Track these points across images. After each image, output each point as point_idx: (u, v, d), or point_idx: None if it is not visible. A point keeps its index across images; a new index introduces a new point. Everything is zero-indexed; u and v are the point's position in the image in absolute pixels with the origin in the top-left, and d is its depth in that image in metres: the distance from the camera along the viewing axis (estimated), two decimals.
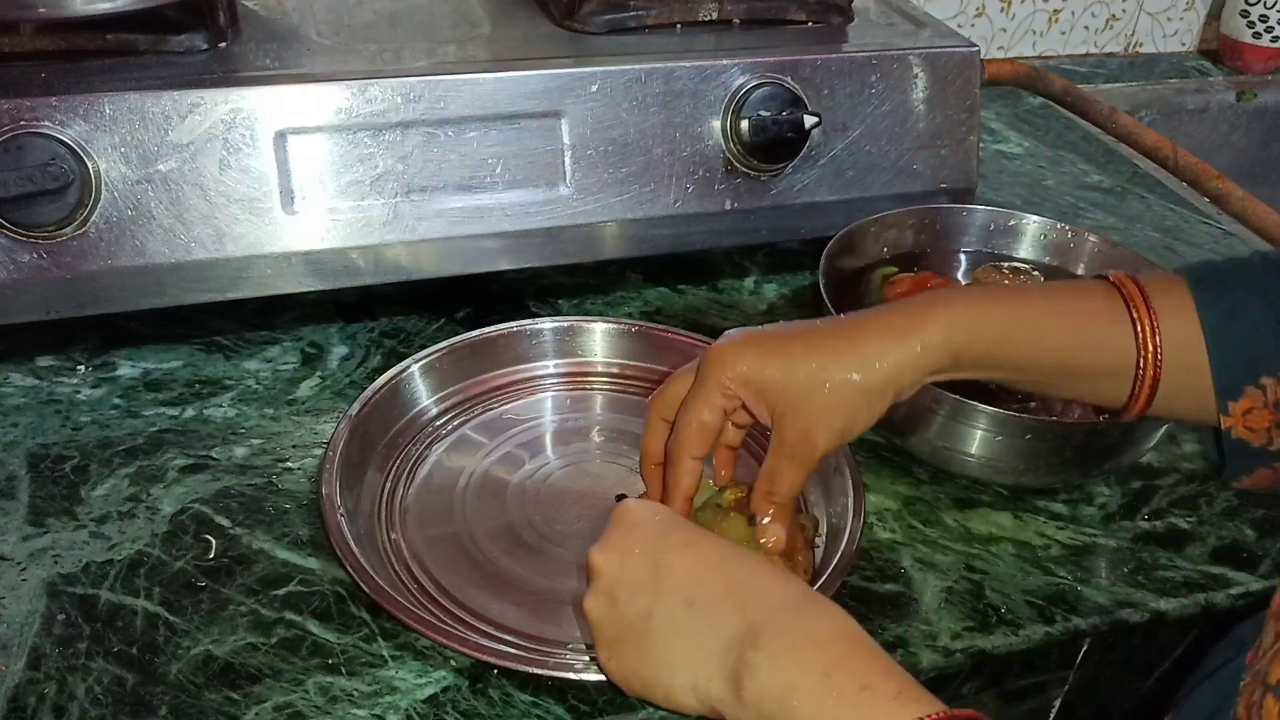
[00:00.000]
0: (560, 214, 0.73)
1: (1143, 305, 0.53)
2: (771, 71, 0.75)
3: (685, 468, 0.57)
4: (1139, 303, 0.53)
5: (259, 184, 0.67)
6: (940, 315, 0.54)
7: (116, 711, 0.52)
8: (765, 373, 0.54)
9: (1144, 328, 0.53)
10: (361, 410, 0.67)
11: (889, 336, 0.53)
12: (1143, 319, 0.53)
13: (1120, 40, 1.41)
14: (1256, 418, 0.53)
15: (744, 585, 0.48)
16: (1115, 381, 0.55)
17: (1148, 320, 0.53)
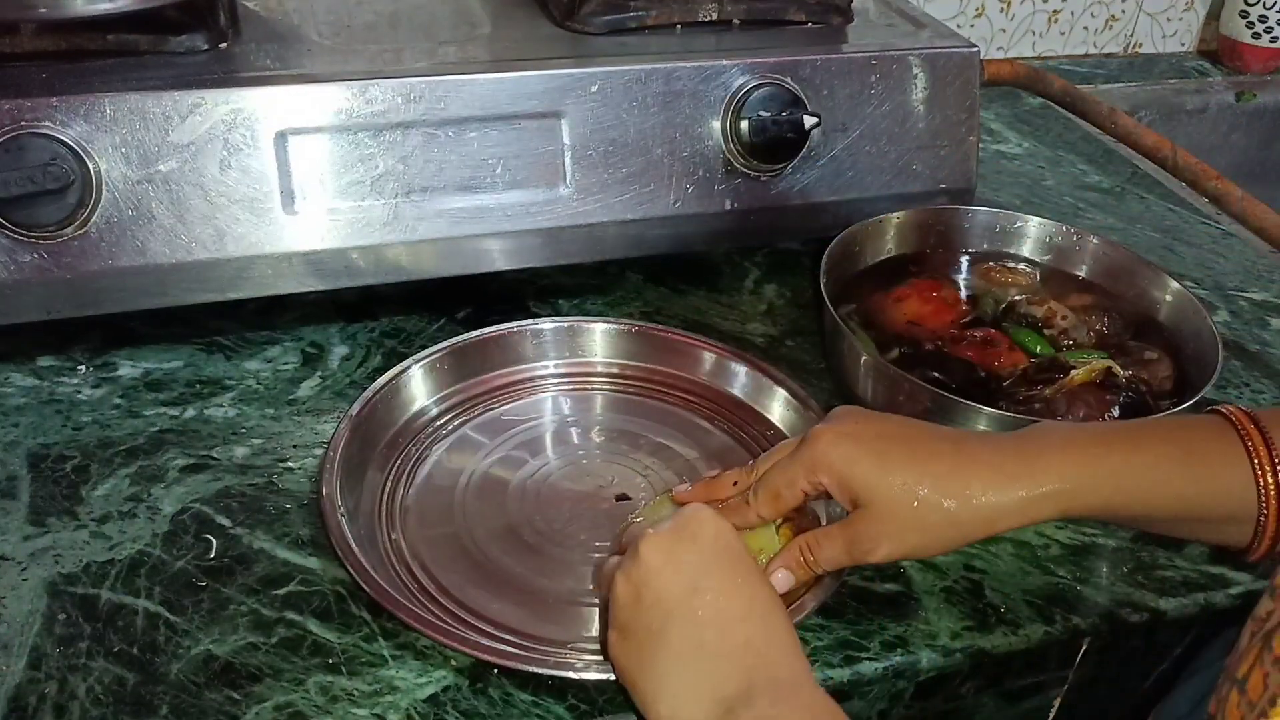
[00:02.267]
0: (560, 214, 0.73)
1: (1261, 443, 0.51)
2: (771, 72, 0.75)
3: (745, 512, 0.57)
4: (1257, 441, 0.51)
5: (259, 184, 0.67)
6: (1053, 466, 0.51)
7: (117, 711, 0.52)
8: (857, 471, 0.53)
9: (1264, 468, 0.51)
10: (362, 410, 0.67)
11: (997, 477, 0.51)
12: (1262, 459, 0.51)
13: (1120, 40, 1.41)
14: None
15: (760, 648, 0.48)
16: (1236, 524, 0.52)
17: (1267, 460, 0.51)
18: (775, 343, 0.79)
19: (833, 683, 0.56)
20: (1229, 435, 0.52)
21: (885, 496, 0.52)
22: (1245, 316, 0.88)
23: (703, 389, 0.74)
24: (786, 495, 0.55)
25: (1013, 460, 0.52)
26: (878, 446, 0.53)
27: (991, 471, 0.52)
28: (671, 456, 0.69)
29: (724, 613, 0.49)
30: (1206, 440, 0.53)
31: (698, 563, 0.50)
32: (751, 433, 0.71)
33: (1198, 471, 0.52)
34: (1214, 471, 0.52)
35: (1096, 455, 0.52)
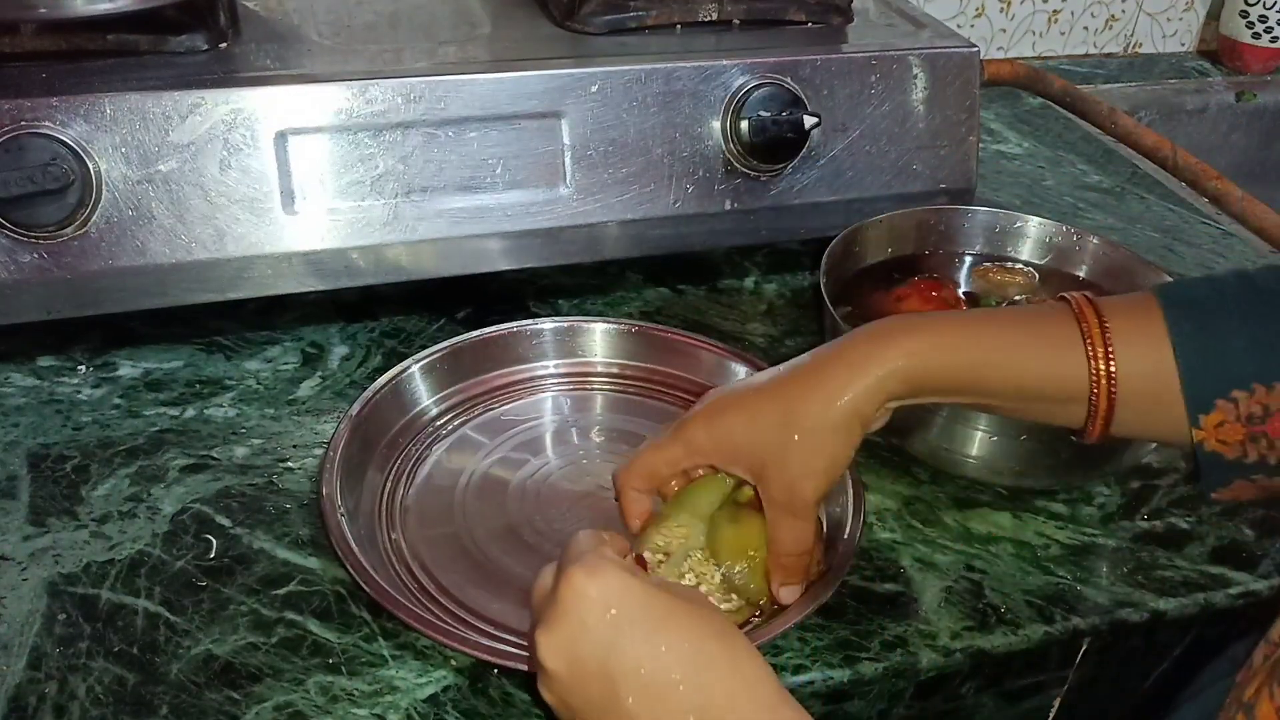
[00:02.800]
0: (560, 214, 0.73)
1: (1097, 331, 0.53)
2: (771, 72, 0.75)
3: (629, 498, 0.58)
4: (1094, 328, 0.53)
5: (259, 184, 0.67)
6: (898, 345, 0.54)
7: (117, 711, 0.52)
8: (735, 436, 0.55)
9: (1096, 353, 0.53)
10: (362, 410, 0.67)
11: (846, 371, 0.54)
12: (1095, 345, 0.53)
13: (1120, 40, 1.41)
14: (1228, 431, 0.52)
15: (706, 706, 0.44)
16: (1072, 406, 0.54)
17: (1101, 346, 0.53)
18: (775, 343, 0.79)
19: (833, 683, 0.56)
20: (1069, 320, 0.54)
21: (772, 445, 0.54)
22: None
23: (703, 389, 0.74)
24: (664, 471, 0.57)
25: (858, 351, 0.54)
26: (741, 405, 0.55)
27: (841, 368, 0.54)
28: None
29: (655, 686, 0.44)
30: (1048, 324, 0.55)
31: (602, 648, 0.45)
32: None
33: (1038, 351, 0.54)
34: (1055, 353, 0.53)
35: (940, 333, 0.54)
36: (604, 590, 0.45)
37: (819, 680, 0.56)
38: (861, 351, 0.54)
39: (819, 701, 0.57)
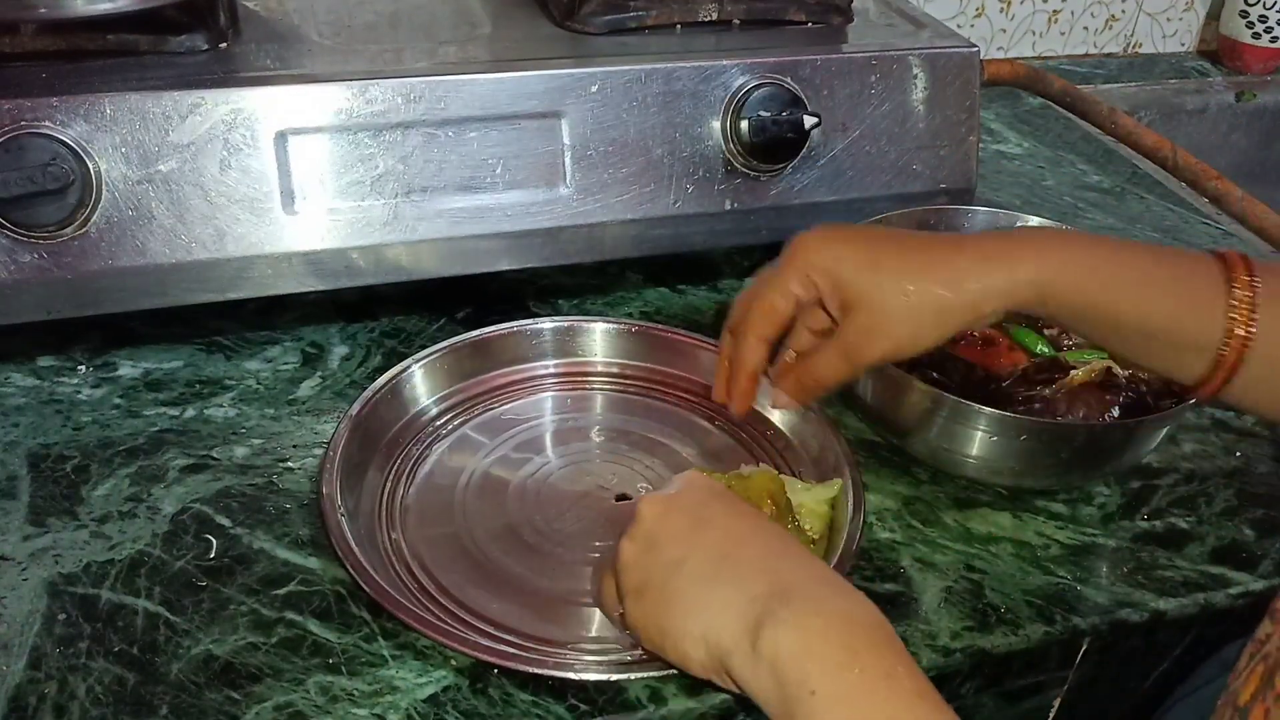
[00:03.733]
0: (560, 214, 0.73)
1: (1247, 284, 0.51)
2: (771, 72, 0.75)
3: (749, 344, 0.58)
4: (1243, 284, 0.51)
5: (259, 184, 0.67)
6: (1036, 251, 0.52)
7: (117, 711, 0.52)
8: (848, 265, 0.54)
9: (1240, 309, 0.51)
10: (362, 410, 0.67)
11: (982, 261, 0.53)
12: (1241, 301, 0.51)
13: (1120, 40, 1.41)
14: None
15: (781, 556, 0.48)
16: (1193, 355, 0.52)
17: (1247, 303, 0.51)
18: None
19: None
20: (1216, 270, 0.52)
21: (878, 291, 0.53)
22: None
23: (703, 389, 0.74)
24: (782, 305, 0.56)
25: (997, 244, 0.54)
26: (867, 244, 0.55)
27: (977, 259, 0.53)
28: (671, 456, 0.69)
29: (735, 532, 0.49)
30: (1195, 268, 0.53)
31: (696, 504, 0.50)
32: (751, 433, 0.71)
33: (1179, 292, 0.52)
34: (1195, 298, 0.52)
35: (1082, 250, 0.53)
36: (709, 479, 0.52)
37: None
38: (1001, 246, 0.53)
39: None
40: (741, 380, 0.59)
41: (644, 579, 0.49)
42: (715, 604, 0.46)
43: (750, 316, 0.57)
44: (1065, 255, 0.53)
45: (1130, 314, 0.53)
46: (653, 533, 0.50)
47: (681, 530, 0.49)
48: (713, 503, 0.50)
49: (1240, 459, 0.73)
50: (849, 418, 0.72)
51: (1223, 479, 0.71)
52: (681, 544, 0.49)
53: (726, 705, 0.55)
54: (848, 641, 0.43)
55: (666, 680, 0.55)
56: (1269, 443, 0.75)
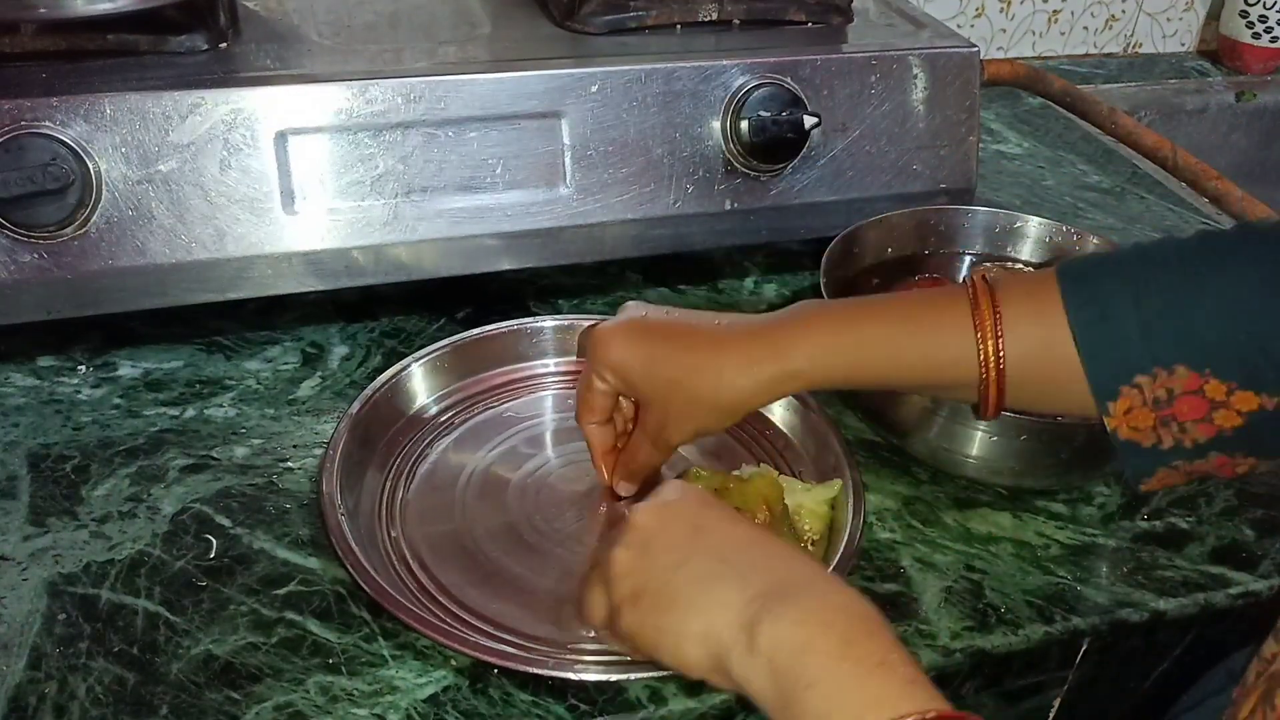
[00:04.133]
0: (560, 214, 0.73)
1: (988, 314, 0.53)
2: (771, 72, 0.75)
3: (589, 431, 0.63)
4: (985, 312, 0.54)
5: (259, 184, 0.67)
6: (798, 348, 0.56)
7: (117, 711, 0.52)
8: (632, 368, 0.59)
9: (985, 337, 0.54)
10: (362, 409, 0.67)
11: (746, 363, 0.56)
12: (984, 329, 0.54)
13: (1120, 40, 1.41)
14: (1138, 417, 0.52)
15: (777, 557, 0.48)
16: (967, 389, 0.56)
17: (991, 330, 0.53)
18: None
19: None
20: (962, 303, 0.55)
21: (659, 390, 0.58)
22: None
23: None
24: (596, 398, 0.61)
25: (762, 346, 0.57)
26: (646, 344, 0.59)
27: (742, 359, 0.57)
28: None
29: (734, 537, 0.50)
30: (941, 312, 0.56)
31: (691, 511, 0.51)
32: (751, 432, 0.71)
33: (927, 343, 0.56)
34: (943, 343, 0.55)
35: (836, 334, 0.57)
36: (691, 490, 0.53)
37: None
38: (763, 348, 0.57)
39: None
40: (598, 461, 0.64)
41: (640, 584, 0.49)
42: (714, 604, 0.46)
43: (580, 408, 0.62)
44: (825, 346, 0.56)
45: (894, 379, 0.58)
46: (648, 539, 0.50)
47: (678, 536, 0.50)
48: (707, 510, 0.51)
49: None
50: (849, 418, 0.72)
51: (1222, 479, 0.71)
52: (679, 549, 0.49)
53: (726, 705, 0.55)
54: (843, 633, 0.44)
55: (666, 680, 0.55)
56: None
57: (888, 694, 0.42)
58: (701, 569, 0.48)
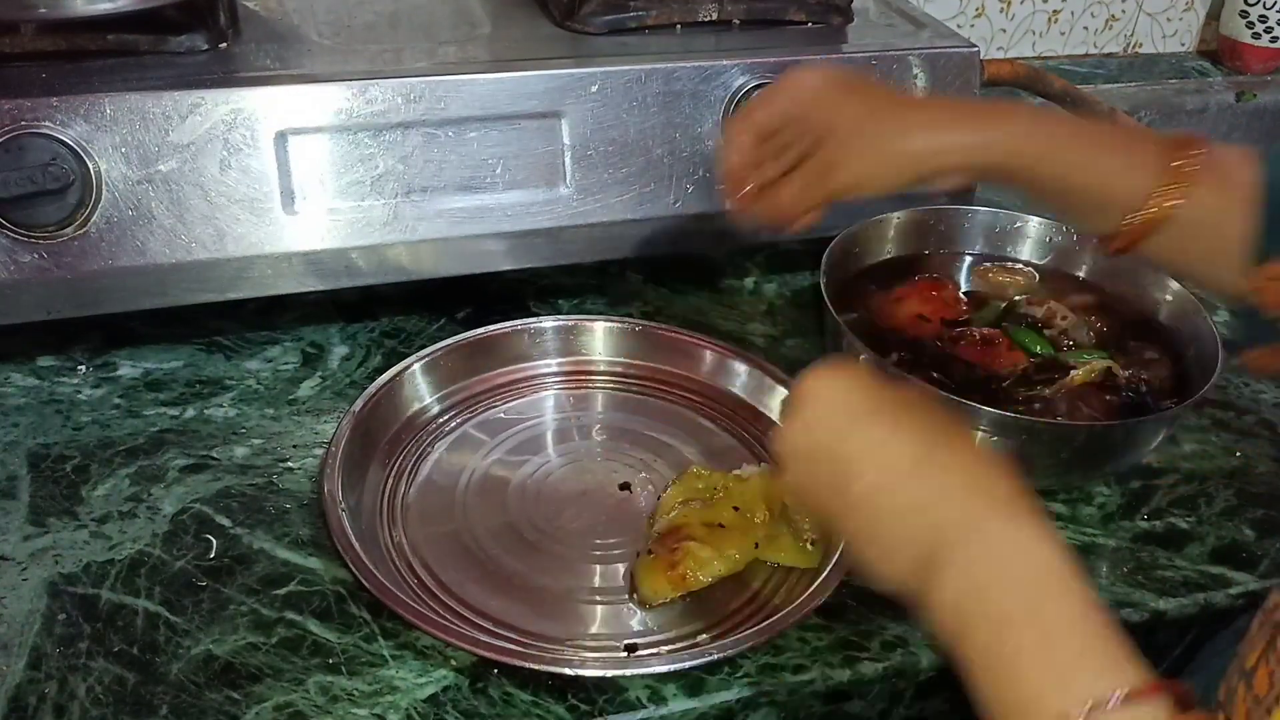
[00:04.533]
0: (560, 214, 0.73)
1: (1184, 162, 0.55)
2: (771, 72, 0.75)
3: (738, 139, 0.61)
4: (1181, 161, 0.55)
5: (259, 184, 0.67)
6: (996, 121, 0.57)
7: (117, 711, 0.52)
8: (828, 94, 0.59)
9: (1172, 180, 0.55)
10: (364, 408, 0.67)
11: (945, 119, 0.59)
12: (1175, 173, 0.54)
13: (1120, 40, 1.41)
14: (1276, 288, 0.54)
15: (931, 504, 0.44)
16: (1116, 218, 0.56)
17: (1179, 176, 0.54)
18: (775, 343, 0.79)
19: (833, 683, 0.56)
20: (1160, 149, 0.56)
21: (844, 123, 0.58)
22: (1245, 317, 0.88)
23: (704, 388, 0.74)
24: (763, 119, 0.60)
25: (963, 111, 0.60)
26: (850, 81, 0.60)
27: (943, 114, 0.59)
28: (672, 455, 0.69)
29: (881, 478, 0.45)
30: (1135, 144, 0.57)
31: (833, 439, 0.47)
32: (752, 431, 0.71)
33: (1113, 164, 0.57)
34: (1129, 166, 0.56)
35: (1035, 122, 0.58)
36: (835, 385, 0.48)
37: (819, 680, 0.56)
38: (970, 113, 0.59)
39: (819, 701, 0.57)
40: (727, 174, 0.62)
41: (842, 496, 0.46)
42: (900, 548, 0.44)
43: (741, 115, 0.62)
44: (1010, 125, 0.57)
45: (1067, 180, 0.57)
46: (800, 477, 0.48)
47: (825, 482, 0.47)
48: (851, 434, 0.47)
49: (1240, 459, 0.73)
50: None
51: (1223, 479, 0.71)
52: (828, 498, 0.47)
53: (726, 705, 0.55)
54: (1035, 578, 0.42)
55: (666, 680, 0.55)
56: (1269, 443, 0.75)
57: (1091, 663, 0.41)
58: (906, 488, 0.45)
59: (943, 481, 0.45)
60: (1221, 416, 0.77)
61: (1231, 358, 0.62)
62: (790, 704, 0.56)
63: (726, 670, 0.56)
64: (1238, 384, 0.80)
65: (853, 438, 0.46)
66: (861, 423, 0.46)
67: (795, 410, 0.48)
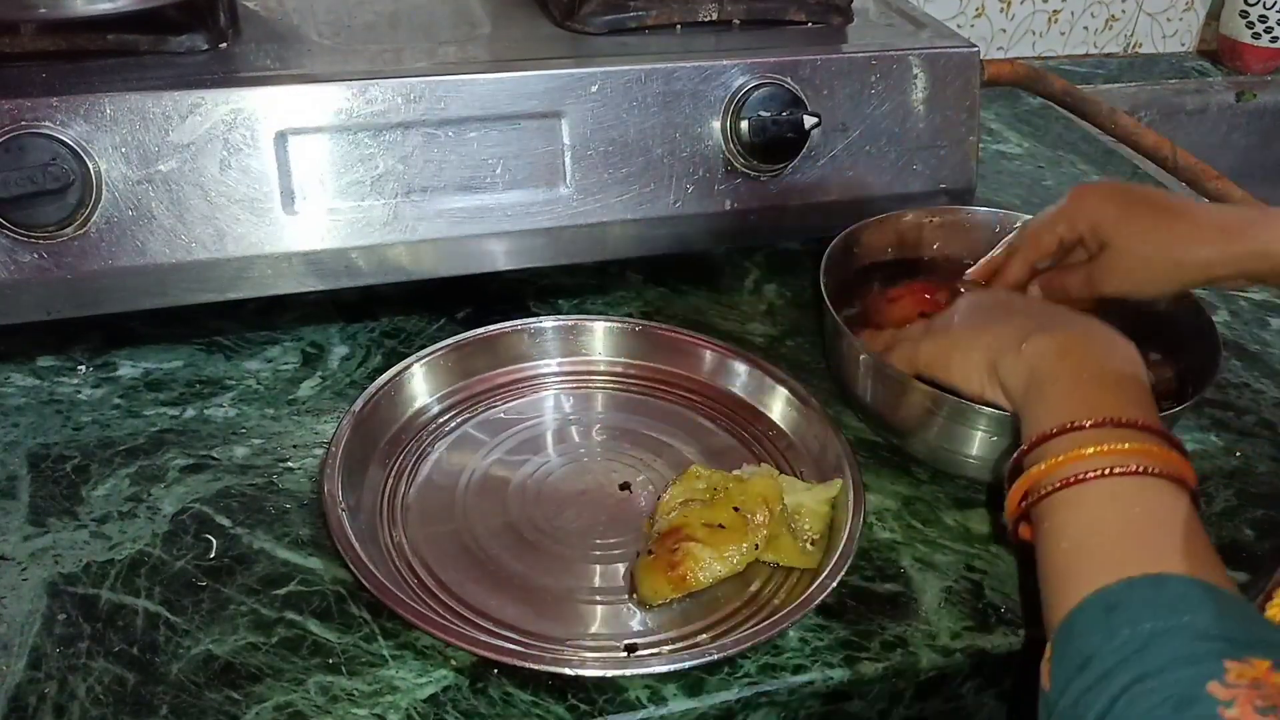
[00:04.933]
0: (560, 214, 0.73)
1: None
2: (771, 72, 0.75)
3: (1015, 263, 0.71)
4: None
5: (259, 184, 0.67)
6: (1272, 231, 0.61)
7: (117, 711, 0.52)
8: (1107, 215, 0.66)
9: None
10: (364, 407, 0.67)
11: (1221, 232, 0.63)
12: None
13: (1120, 41, 1.41)
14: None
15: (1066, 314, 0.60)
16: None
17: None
18: (775, 342, 0.80)
19: (833, 683, 0.56)
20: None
21: (1121, 239, 0.65)
22: (1245, 316, 0.88)
23: (704, 388, 0.74)
24: (1048, 242, 0.69)
25: (1240, 222, 0.63)
26: (1128, 199, 0.67)
27: (1218, 228, 0.63)
28: (673, 455, 0.69)
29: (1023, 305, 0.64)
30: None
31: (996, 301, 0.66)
32: (753, 431, 0.71)
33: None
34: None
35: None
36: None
37: (819, 680, 0.56)
38: (1239, 223, 0.63)
39: (819, 701, 0.57)
40: (1009, 277, 0.72)
41: (944, 326, 0.64)
42: (998, 328, 0.60)
43: (1025, 242, 0.70)
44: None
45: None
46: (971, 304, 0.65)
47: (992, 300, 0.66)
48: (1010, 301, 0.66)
49: (1240, 459, 0.73)
50: (849, 418, 0.72)
51: (1223, 479, 0.71)
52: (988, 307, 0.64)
53: (726, 705, 0.55)
54: (1097, 355, 0.55)
55: (666, 680, 0.55)
56: (1269, 443, 0.75)
57: (1106, 402, 0.51)
58: (993, 315, 0.62)
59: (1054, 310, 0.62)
60: (1221, 416, 0.77)
61: (1230, 358, 0.63)
62: (790, 704, 0.56)
63: (726, 670, 0.56)
64: (1238, 384, 0.80)
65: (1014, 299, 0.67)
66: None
67: None
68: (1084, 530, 0.48)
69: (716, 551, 0.59)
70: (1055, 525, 0.50)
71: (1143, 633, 0.41)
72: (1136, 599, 0.43)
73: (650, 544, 0.61)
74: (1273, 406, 0.78)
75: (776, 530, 0.61)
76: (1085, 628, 0.43)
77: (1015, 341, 0.58)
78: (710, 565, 0.59)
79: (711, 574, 0.59)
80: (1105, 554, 0.46)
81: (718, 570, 0.59)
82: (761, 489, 0.62)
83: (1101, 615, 0.43)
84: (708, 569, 0.59)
